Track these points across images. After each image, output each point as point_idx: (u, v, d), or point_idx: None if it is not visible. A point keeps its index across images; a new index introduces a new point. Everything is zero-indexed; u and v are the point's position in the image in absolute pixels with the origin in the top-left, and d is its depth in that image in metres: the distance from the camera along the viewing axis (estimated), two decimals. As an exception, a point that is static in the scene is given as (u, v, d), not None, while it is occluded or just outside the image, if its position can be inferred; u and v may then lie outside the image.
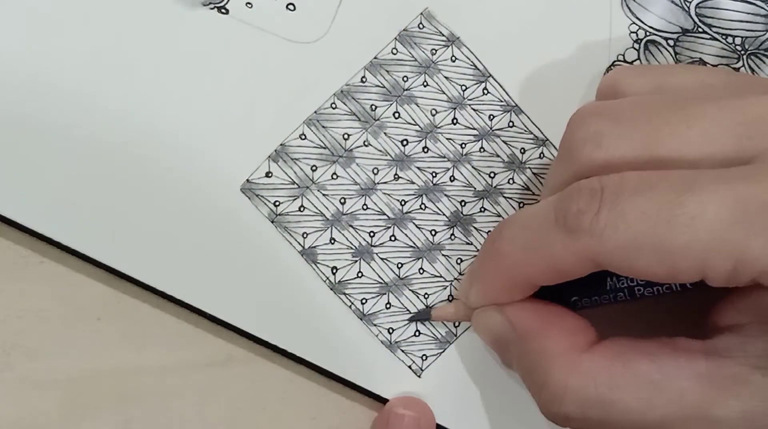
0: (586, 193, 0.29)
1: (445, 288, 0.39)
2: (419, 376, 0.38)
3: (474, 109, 0.39)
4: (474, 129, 0.39)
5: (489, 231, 0.39)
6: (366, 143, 0.38)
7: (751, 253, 0.27)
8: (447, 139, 0.39)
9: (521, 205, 0.39)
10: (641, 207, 0.28)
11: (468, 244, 0.39)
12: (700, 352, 0.30)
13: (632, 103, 0.32)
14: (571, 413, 0.31)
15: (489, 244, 0.34)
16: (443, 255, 0.39)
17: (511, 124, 0.39)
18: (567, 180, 0.32)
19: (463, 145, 0.39)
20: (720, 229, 0.27)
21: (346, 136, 0.38)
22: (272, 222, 0.37)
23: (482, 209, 0.39)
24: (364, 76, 0.38)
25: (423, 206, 0.38)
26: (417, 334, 0.38)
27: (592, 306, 0.34)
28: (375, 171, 0.38)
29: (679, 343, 0.31)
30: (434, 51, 0.38)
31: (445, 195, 0.38)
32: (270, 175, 0.37)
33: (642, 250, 0.28)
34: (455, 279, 0.39)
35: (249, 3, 0.37)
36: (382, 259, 0.38)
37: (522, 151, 0.39)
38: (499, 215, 0.39)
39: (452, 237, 0.39)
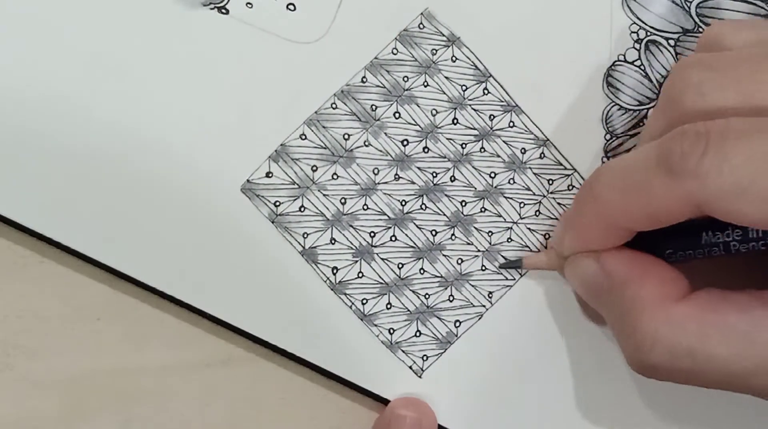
0: (691, 135, 0.29)
1: (446, 288, 0.39)
2: (420, 377, 0.38)
3: (474, 109, 0.39)
4: (474, 129, 0.39)
5: (490, 231, 0.39)
6: (366, 143, 0.38)
7: None
8: (447, 139, 0.38)
9: (522, 205, 0.39)
10: (747, 151, 0.28)
11: (468, 244, 0.39)
12: None
13: (735, 55, 0.32)
14: (659, 362, 0.31)
15: (586, 190, 0.34)
16: (444, 255, 0.39)
17: (511, 124, 0.39)
18: (667, 128, 0.31)
19: (464, 145, 0.39)
20: None
21: (346, 137, 0.38)
22: (273, 222, 0.37)
23: (483, 209, 0.39)
24: (364, 76, 0.38)
25: (423, 206, 0.38)
26: (418, 334, 0.38)
27: (686, 260, 0.34)
28: (375, 171, 0.38)
29: None
30: (435, 51, 0.38)
31: (446, 195, 0.38)
32: (270, 175, 0.37)
33: (746, 193, 0.28)
34: (456, 279, 0.39)
35: (249, 3, 0.37)
36: (382, 259, 0.38)
37: (522, 151, 0.39)
38: (500, 215, 0.39)
39: (453, 237, 0.39)
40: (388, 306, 0.38)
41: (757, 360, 0.30)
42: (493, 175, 0.39)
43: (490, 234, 0.39)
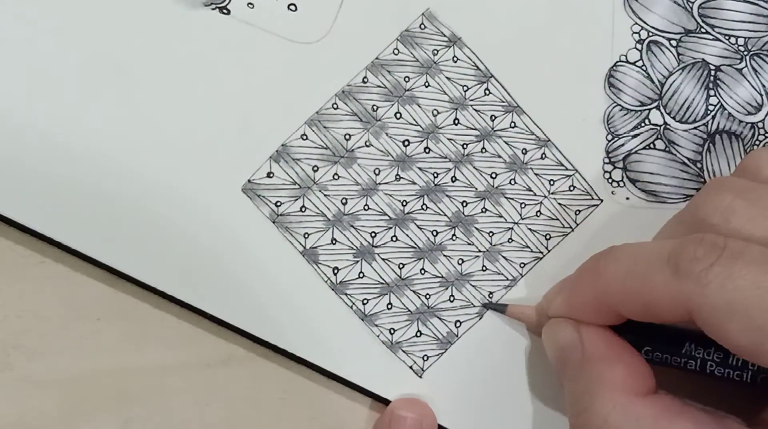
0: (708, 243, 0.30)
1: (447, 288, 0.39)
2: (420, 377, 0.38)
3: (475, 110, 0.39)
4: (475, 129, 0.39)
5: (490, 232, 0.39)
6: (367, 144, 0.38)
7: None
8: (448, 139, 0.38)
9: (523, 205, 0.39)
10: (754, 278, 0.29)
11: (469, 244, 0.39)
12: None
13: None
14: None
15: (592, 262, 0.34)
16: (445, 255, 0.39)
17: (512, 124, 0.39)
18: (686, 234, 0.32)
19: (465, 146, 0.39)
20: None
21: (347, 137, 0.38)
22: (273, 222, 0.37)
23: (484, 210, 0.39)
24: (365, 77, 0.38)
25: (424, 207, 0.38)
26: (418, 334, 0.38)
27: (661, 363, 0.34)
28: (376, 171, 0.38)
29: (727, 422, 0.31)
30: (436, 51, 0.38)
31: (447, 195, 0.38)
32: (271, 175, 0.37)
33: (737, 316, 0.29)
34: (456, 279, 0.39)
35: (250, 3, 0.37)
36: (383, 259, 0.38)
37: (524, 151, 0.39)
38: (500, 216, 0.39)
39: (454, 237, 0.39)
40: (389, 306, 0.38)
41: None
42: (494, 175, 0.39)
43: (491, 234, 0.39)
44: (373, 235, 0.38)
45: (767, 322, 0.28)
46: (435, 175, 0.38)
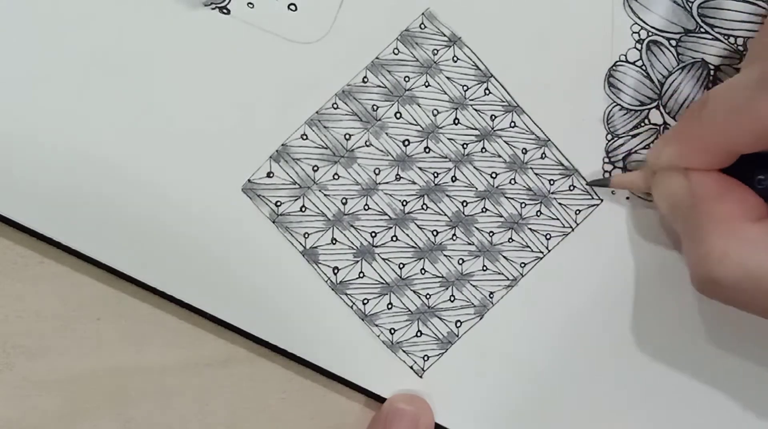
0: None
1: (447, 288, 0.39)
2: (421, 377, 0.38)
3: (475, 110, 0.39)
4: (475, 129, 0.39)
5: (491, 231, 0.39)
6: (367, 143, 0.38)
7: None
8: (448, 139, 0.38)
9: (523, 205, 0.39)
10: None
11: (469, 244, 0.39)
12: None
13: None
14: (723, 276, 0.32)
15: (695, 109, 0.34)
16: (445, 255, 0.39)
17: (512, 124, 0.39)
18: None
19: (465, 146, 0.39)
20: None
21: (347, 137, 0.38)
22: (273, 222, 0.37)
23: (484, 209, 0.39)
24: (365, 77, 0.38)
25: (424, 206, 0.38)
26: (419, 334, 0.38)
27: None
28: (376, 171, 0.38)
29: None
30: (436, 51, 0.38)
31: (447, 195, 0.38)
32: (271, 175, 0.37)
33: None
34: (457, 279, 0.39)
35: (250, 3, 0.37)
36: (383, 259, 0.38)
37: (524, 151, 0.39)
38: (501, 215, 0.39)
39: (454, 237, 0.39)
40: (389, 306, 0.38)
41: None
42: (494, 175, 0.39)
43: (491, 234, 0.39)
44: (373, 234, 0.38)
45: None
46: (435, 174, 0.38)
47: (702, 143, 0.34)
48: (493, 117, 0.39)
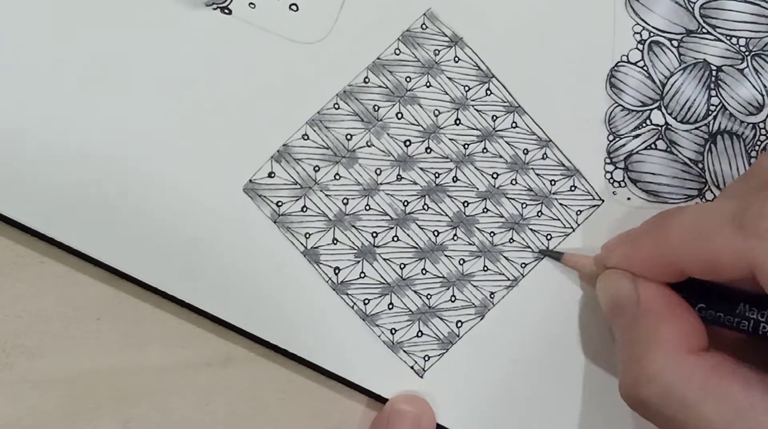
0: None
1: (448, 288, 0.39)
2: (421, 377, 0.38)
3: (477, 110, 0.39)
4: (477, 130, 0.39)
5: (492, 232, 0.39)
6: (369, 144, 0.38)
7: None
8: (450, 139, 0.38)
9: (524, 206, 0.39)
10: None
11: (470, 244, 0.39)
12: None
13: None
14: (650, 398, 0.32)
15: (658, 219, 0.34)
16: (446, 255, 0.39)
17: (514, 124, 0.39)
18: (748, 193, 0.32)
19: (466, 146, 0.39)
20: None
21: (348, 137, 0.38)
22: (275, 222, 0.37)
23: (485, 210, 0.39)
24: (366, 77, 0.38)
25: (426, 207, 0.38)
26: (419, 334, 0.38)
27: (714, 322, 0.35)
28: (378, 171, 0.38)
29: None
30: (437, 51, 0.38)
31: (448, 196, 0.38)
32: (273, 175, 0.37)
33: None
34: (458, 280, 0.39)
35: (252, 3, 0.37)
36: (384, 259, 0.38)
37: (525, 151, 0.39)
38: (502, 216, 0.39)
39: (455, 238, 0.39)
40: (390, 306, 0.38)
41: None
42: (495, 175, 0.39)
43: (492, 234, 0.39)
44: (374, 235, 0.38)
45: None
46: (436, 175, 0.38)
47: (655, 255, 0.34)
48: (495, 117, 0.39)
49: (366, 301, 0.38)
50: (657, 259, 0.34)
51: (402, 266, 0.38)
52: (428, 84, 0.38)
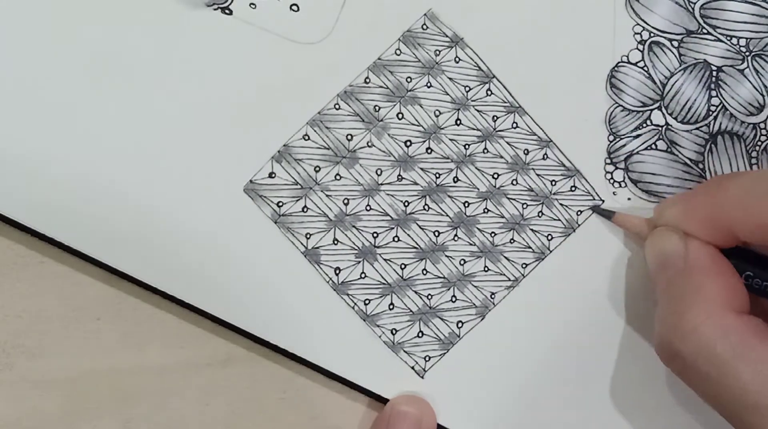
0: None
1: (449, 289, 0.39)
2: (422, 377, 0.38)
3: (478, 110, 0.39)
4: (477, 130, 0.39)
5: (492, 232, 0.39)
6: (369, 144, 0.38)
7: None
8: (450, 140, 0.38)
9: (525, 206, 0.39)
10: None
11: (471, 244, 0.39)
12: None
13: None
14: (685, 352, 0.32)
15: (714, 181, 0.34)
16: (446, 256, 0.39)
17: (514, 125, 0.39)
18: None
19: (467, 146, 0.39)
20: None
21: (349, 137, 0.38)
22: (275, 222, 0.37)
23: (486, 210, 0.39)
24: (367, 77, 0.38)
25: (426, 207, 0.38)
26: (420, 335, 0.38)
27: (758, 291, 0.35)
28: (378, 172, 0.38)
29: None
30: (438, 52, 0.38)
31: (449, 196, 0.38)
32: (273, 175, 0.37)
33: None
34: (458, 280, 0.39)
35: (252, 4, 0.37)
36: (385, 260, 0.38)
37: (526, 152, 0.39)
38: (502, 216, 0.39)
39: (456, 238, 0.39)
40: (391, 307, 0.38)
41: None
42: (496, 176, 0.39)
43: (492, 235, 0.39)
44: (375, 235, 0.38)
45: None
46: (437, 175, 0.38)
47: (709, 215, 0.34)
48: (495, 118, 0.39)
49: (367, 302, 0.38)
50: (710, 220, 0.34)
51: (403, 266, 0.38)
52: (429, 84, 0.38)
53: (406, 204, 0.38)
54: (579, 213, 0.40)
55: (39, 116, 0.35)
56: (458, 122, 0.39)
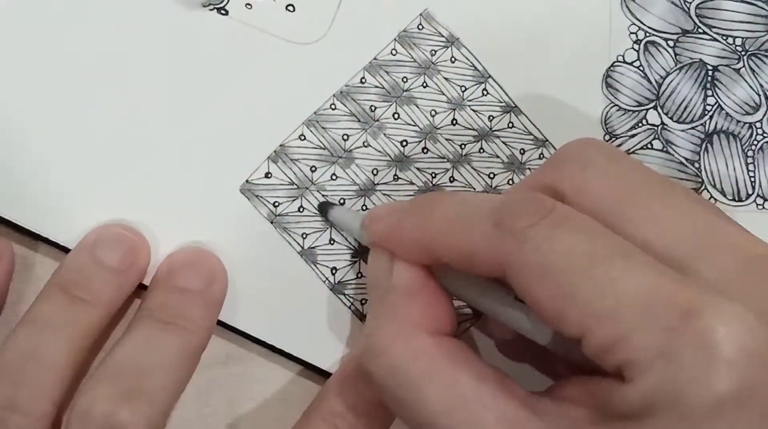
0: (537, 203, 0.29)
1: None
2: (419, 377, 0.38)
3: (473, 110, 0.39)
4: (473, 130, 0.39)
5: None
6: (365, 144, 0.38)
7: (637, 341, 0.26)
8: (446, 139, 0.39)
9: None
10: (572, 244, 0.28)
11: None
12: (518, 400, 0.29)
13: (636, 164, 0.32)
14: (375, 372, 0.31)
15: (424, 201, 0.33)
16: (443, 256, 0.39)
17: (510, 124, 0.39)
18: (534, 186, 0.32)
19: (463, 146, 0.39)
20: (627, 305, 0.26)
21: (345, 137, 0.38)
22: (272, 222, 0.37)
23: (482, 210, 0.39)
24: (363, 77, 0.38)
25: (423, 207, 0.38)
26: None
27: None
28: (374, 172, 0.38)
29: (507, 382, 0.30)
30: (434, 52, 0.38)
31: (445, 196, 0.38)
32: (269, 175, 0.37)
33: (547, 280, 0.28)
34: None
35: (248, 4, 0.37)
36: (381, 259, 0.38)
37: (521, 151, 0.39)
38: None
39: (452, 238, 0.39)
40: (388, 306, 0.38)
41: (459, 427, 0.29)
42: (492, 175, 0.39)
43: (489, 235, 0.39)
44: (371, 235, 0.38)
45: (573, 290, 0.27)
46: (433, 175, 0.38)
47: (416, 238, 0.32)
48: (491, 117, 0.39)
49: (363, 302, 0.38)
50: (416, 242, 0.32)
51: (399, 266, 0.38)
52: (425, 84, 0.38)
53: (403, 204, 0.38)
54: (575, 213, 0.40)
55: (37, 116, 0.35)
56: (454, 122, 0.39)
